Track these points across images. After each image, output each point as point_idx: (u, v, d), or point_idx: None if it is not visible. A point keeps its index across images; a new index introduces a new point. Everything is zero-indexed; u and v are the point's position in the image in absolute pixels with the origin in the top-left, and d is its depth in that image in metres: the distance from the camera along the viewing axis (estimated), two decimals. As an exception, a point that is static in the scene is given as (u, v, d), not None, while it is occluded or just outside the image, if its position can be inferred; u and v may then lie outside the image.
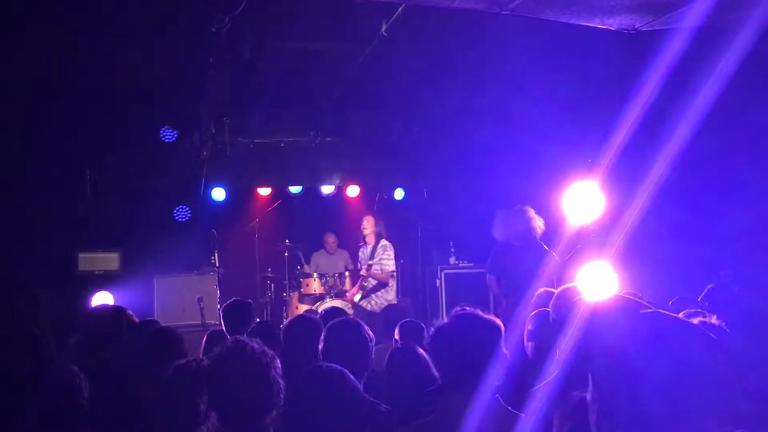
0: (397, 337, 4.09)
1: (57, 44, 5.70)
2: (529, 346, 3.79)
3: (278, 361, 2.56)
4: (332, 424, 2.33)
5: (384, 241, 8.38)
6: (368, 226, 8.41)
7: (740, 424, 1.45)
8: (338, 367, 2.53)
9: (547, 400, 2.54)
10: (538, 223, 6.24)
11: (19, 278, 6.91)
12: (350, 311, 7.81)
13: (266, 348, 2.53)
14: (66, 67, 6.17)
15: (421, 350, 3.42)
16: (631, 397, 1.31)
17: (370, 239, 8.42)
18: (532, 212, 6.26)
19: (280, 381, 2.45)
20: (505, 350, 2.46)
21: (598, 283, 5.38)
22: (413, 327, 4.15)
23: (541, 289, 4.57)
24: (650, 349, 1.32)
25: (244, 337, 2.61)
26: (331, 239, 9.21)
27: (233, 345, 2.52)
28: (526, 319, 3.87)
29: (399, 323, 4.22)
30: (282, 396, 2.46)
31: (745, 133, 5.74)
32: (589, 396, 1.43)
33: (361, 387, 2.96)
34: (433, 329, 2.54)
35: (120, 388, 2.98)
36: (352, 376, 2.49)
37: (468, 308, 2.59)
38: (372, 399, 2.93)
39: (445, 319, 2.53)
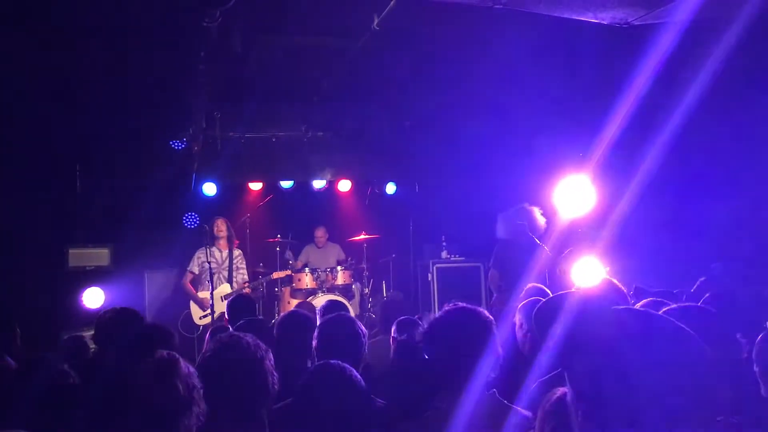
0: (394, 334, 4.10)
1: (46, 39, 5.64)
2: (526, 339, 3.80)
3: (271, 354, 2.57)
4: (338, 420, 2.35)
5: (237, 248, 8.07)
6: (224, 229, 7.88)
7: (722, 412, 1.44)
8: (346, 365, 2.55)
9: (537, 393, 2.55)
10: (541, 221, 6.27)
11: (9, 274, 6.87)
12: (351, 306, 7.80)
13: (260, 342, 2.54)
14: (55, 62, 6.11)
15: None
16: (622, 397, 1.29)
17: (224, 244, 7.92)
18: (536, 210, 6.29)
19: (275, 374, 2.47)
20: (498, 345, 2.47)
21: (588, 276, 5.43)
22: (409, 324, 4.16)
23: (530, 285, 4.58)
24: (645, 350, 1.31)
25: (238, 332, 2.62)
26: (320, 233, 9.20)
27: (227, 339, 2.54)
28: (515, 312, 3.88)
29: (396, 321, 4.22)
30: (276, 389, 2.47)
31: (734, 126, 5.78)
32: (569, 393, 1.41)
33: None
34: (425, 324, 2.55)
35: (110, 384, 2.97)
36: (357, 374, 2.50)
37: (460, 303, 2.60)
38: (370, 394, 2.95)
39: (437, 314, 2.54)
